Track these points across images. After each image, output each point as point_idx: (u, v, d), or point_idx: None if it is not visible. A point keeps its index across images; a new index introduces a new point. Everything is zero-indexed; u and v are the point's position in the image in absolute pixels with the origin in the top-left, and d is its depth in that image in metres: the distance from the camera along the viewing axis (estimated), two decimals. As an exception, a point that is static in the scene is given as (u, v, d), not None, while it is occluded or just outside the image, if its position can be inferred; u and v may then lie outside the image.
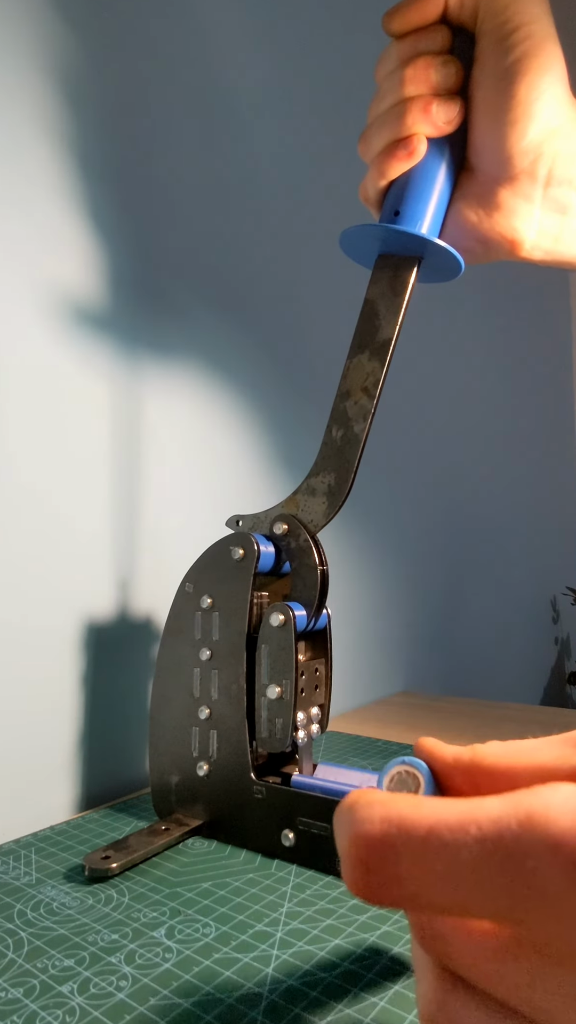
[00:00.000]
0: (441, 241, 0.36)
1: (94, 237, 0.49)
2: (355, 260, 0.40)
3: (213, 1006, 0.24)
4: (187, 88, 0.58)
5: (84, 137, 0.48)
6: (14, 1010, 0.24)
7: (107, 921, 0.30)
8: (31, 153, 0.45)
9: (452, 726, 0.65)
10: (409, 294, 0.37)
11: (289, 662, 0.36)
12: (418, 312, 0.98)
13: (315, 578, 0.37)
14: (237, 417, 0.62)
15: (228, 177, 0.62)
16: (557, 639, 1.63)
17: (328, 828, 0.34)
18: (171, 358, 0.55)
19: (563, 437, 1.79)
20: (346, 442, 0.38)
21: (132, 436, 0.51)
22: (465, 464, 1.16)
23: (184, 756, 0.39)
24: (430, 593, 1.00)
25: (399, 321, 0.37)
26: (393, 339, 0.37)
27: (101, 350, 0.49)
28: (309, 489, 0.38)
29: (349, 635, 0.78)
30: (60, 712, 0.45)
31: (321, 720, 0.39)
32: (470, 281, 1.18)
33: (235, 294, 0.62)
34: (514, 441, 1.41)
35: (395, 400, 0.92)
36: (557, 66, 0.33)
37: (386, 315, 0.37)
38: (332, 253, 0.75)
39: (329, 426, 0.38)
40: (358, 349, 0.38)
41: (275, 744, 0.36)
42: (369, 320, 0.38)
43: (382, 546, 0.86)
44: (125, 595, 0.49)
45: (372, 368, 0.37)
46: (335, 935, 0.29)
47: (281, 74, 0.70)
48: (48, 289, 0.45)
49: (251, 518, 0.40)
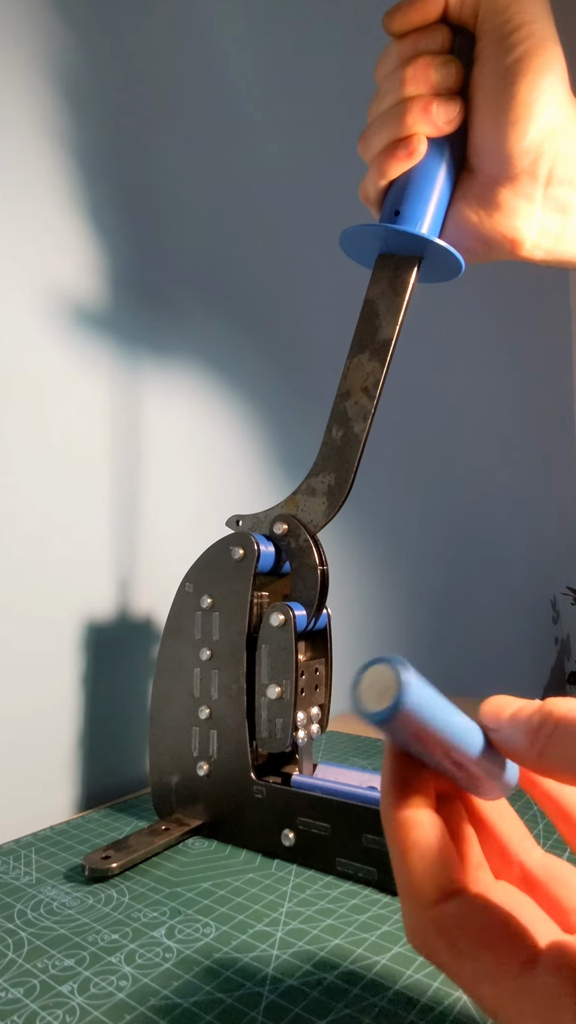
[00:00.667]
0: (441, 241, 0.36)
1: (94, 237, 0.49)
2: (355, 260, 0.40)
3: (213, 1006, 0.24)
4: (188, 87, 0.58)
5: (84, 137, 0.48)
6: (14, 1010, 0.24)
7: (107, 921, 0.30)
8: (30, 153, 0.45)
9: (452, 726, 0.65)
10: (409, 294, 0.37)
11: (289, 662, 0.36)
12: (418, 312, 0.98)
13: (315, 578, 0.37)
14: (237, 417, 0.62)
15: (228, 177, 0.62)
16: (557, 639, 1.63)
17: (328, 828, 0.34)
18: (171, 358, 0.55)
19: (563, 437, 1.79)
20: (346, 442, 0.38)
21: (132, 436, 0.51)
22: (465, 464, 1.16)
23: (184, 756, 0.39)
24: (430, 593, 1.00)
25: (399, 321, 0.37)
26: (393, 339, 0.37)
27: (101, 350, 0.49)
28: (309, 489, 0.38)
29: (349, 635, 0.78)
30: (60, 712, 0.45)
31: (321, 720, 0.39)
32: (470, 281, 1.18)
33: (235, 294, 0.62)
34: (514, 441, 1.41)
35: (395, 400, 0.92)
36: (557, 66, 0.33)
37: (386, 315, 0.37)
38: (332, 253, 0.75)
39: (329, 426, 0.38)
40: (358, 349, 0.38)
41: (275, 744, 0.36)
42: (369, 320, 0.38)
43: (382, 546, 0.86)
44: (125, 595, 0.49)
45: (372, 368, 0.37)
46: (335, 935, 0.29)
47: (281, 73, 0.70)
48: (48, 290, 0.45)
49: (251, 518, 0.40)
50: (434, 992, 0.25)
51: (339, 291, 0.77)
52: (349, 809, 0.33)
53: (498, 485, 1.30)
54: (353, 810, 0.33)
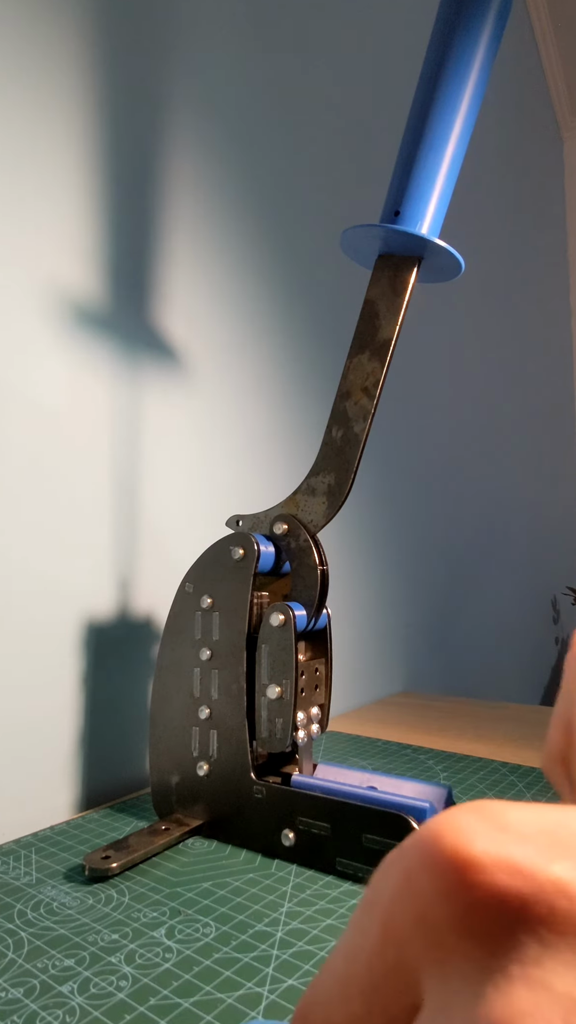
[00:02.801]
0: (441, 241, 0.36)
1: (94, 237, 0.49)
2: (356, 261, 0.40)
3: (213, 1006, 0.24)
4: (189, 86, 0.58)
5: (83, 135, 0.48)
6: (14, 1010, 0.24)
7: (107, 921, 0.30)
8: (31, 152, 0.45)
9: (452, 726, 0.65)
10: (409, 294, 0.37)
11: (289, 662, 0.36)
12: (418, 311, 0.98)
13: (315, 578, 0.37)
14: (238, 417, 0.62)
15: (229, 177, 0.62)
16: (557, 639, 1.63)
17: (328, 828, 0.34)
18: (171, 358, 0.55)
19: (563, 437, 1.79)
20: (346, 442, 0.38)
21: (132, 436, 0.51)
22: (466, 465, 1.16)
23: (184, 756, 0.39)
24: (430, 593, 1.00)
25: (399, 321, 0.37)
26: (393, 339, 0.37)
27: (102, 351, 0.49)
28: (309, 489, 0.38)
29: (349, 635, 0.78)
30: (60, 712, 0.45)
31: (321, 720, 0.39)
32: (470, 280, 1.18)
33: (236, 294, 0.62)
34: (515, 441, 1.41)
35: (395, 400, 0.92)
36: None
37: (386, 315, 0.37)
38: (334, 253, 0.75)
39: (329, 426, 0.38)
40: (358, 349, 0.38)
41: (275, 744, 0.36)
42: (369, 320, 0.38)
43: (382, 546, 0.86)
44: (125, 595, 0.49)
45: (372, 368, 0.37)
46: (335, 935, 0.29)
47: (284, 73, 0.70)
48: (49, 289, 0.45)
49: (251, 518, 0.40)
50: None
51: (341, 291, 0.77)
52: (349, 809, 0.33)
53: (498, 485, 1.30)
54: (353, 810, 0.33)
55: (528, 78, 1.62)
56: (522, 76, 1.58)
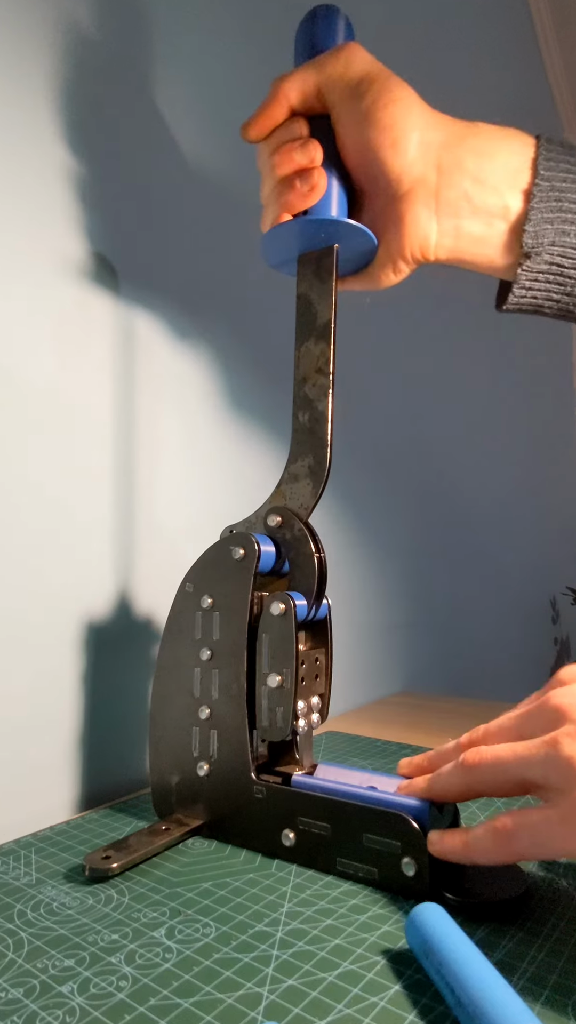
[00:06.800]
0: (351, 220, 0.39)
1: (95, 237, 0.49)
2: (282, 271, 0.43)
3: (213, 1006, 0.24)
4: (189, 82, 0.58)
5: (82, 133, 0.48)
6: (14, 1010, 0.24)
7: (107, 921, 0.30)
8: (29, 152, 0.45)
9: (452, 726, 0.65)
10: (335, 279, 0.40)
11: (289, 651, 0.36)
12: (417, 314, 0.98)
13: (312, 566, 0.37)
14: (238, 417, 0.62)
15: (229, 177, 0.62)
16: (557, 639, 1.63)
17: (328, 828, 0.34)
18: (171, 358, 0.55)
19: (563, 437, 1.79)
20: (314, 421, 0.39)
21: (132, 436, 0.51)
22: (465, 464, 1.16)
23: (184, 756, 0.39)
24: (430, 593, 1.00)
25: (333, 303, 0.39)
26: (331, 320, 0.39)
27: (101, 351, 0.49)
28: (291, 477, 0.39)
29: (349, 635, 0.78)
30: (60, 712, 0.45)
31: (322, 709, 0.39)
32: (468, 280, 1.18)
33: (236, 294, 0.62)
34: (514, 441, 1.42)
35: (395, 400, 0.92)
36: (407, 91, 0.38)
37: (319, 301, 0.40)
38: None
39: (294, 413, 0.40)
40: (303, 338, 0.40)
41: (276, 733, 0.36)
42: (305, 312, 0.40)
43: (381, 547, 0.86)
44: (125, 595, 0.49)
45: (320, 350, 0.39)
46: (335, 935, 0.29)
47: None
48: (49, 289, 0.45)
49: (243, 523, 0.41)
50: (434, 992, 0.25)
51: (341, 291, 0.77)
52: (349, 809, 0.33)
53: (498, 485, 1.30)
54: (353, 810, 0.33)
55: (530, 78, 1.62)
56: (524, 76, 1.58)
